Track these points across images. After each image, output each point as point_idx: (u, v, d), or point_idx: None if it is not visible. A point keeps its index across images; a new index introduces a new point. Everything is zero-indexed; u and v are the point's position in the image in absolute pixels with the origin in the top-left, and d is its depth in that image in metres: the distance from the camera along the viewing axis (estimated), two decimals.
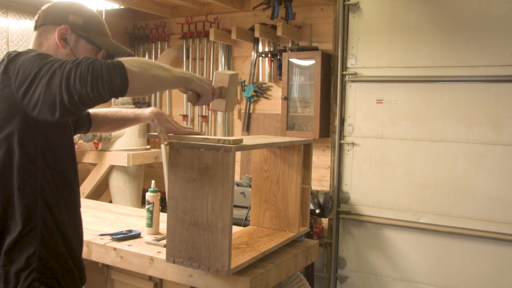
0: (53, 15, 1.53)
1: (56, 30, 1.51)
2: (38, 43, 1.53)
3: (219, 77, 1.69)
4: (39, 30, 1.54)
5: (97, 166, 4.13)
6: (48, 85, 1.27)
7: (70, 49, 1.51)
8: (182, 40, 4.59)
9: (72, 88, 1.25)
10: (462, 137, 3.39)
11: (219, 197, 1.69)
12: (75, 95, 1.25)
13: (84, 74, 1.24)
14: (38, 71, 1.29)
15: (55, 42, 1.51)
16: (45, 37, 1.52)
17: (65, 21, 1.51)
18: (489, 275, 3.34)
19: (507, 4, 3.20)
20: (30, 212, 1.39)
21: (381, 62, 3.62)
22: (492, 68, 3.25)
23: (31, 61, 1.33)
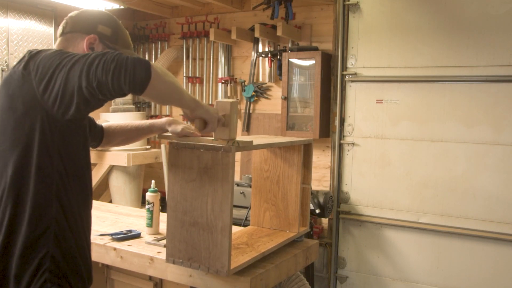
0: (83, 24, 1.56)
1: (85, 39, 1.54)
2: (63, 47, 1.54)
3: (221, 106, 1.68)
4: (66, 36, 1.56)
5: (97, 166, 4.13)
6: (68, 73, 1.28)
7: None
8: (182, 40, 4.59)
9: (93, 75, 1.25)
10: (462, 137, 3.39)
11: (219, 197, 1.69)
12: (93, 81, 1.25)
13: (109, 62, 1.25)
14: (59, 63, 1.30)
15: (83, 49, 1.53)
16: (72, 44, 1.54)
17: (94, 31, 1.54)
18: (489, 275, 3.34)
19: (507, 4, 3.19)
20: (44, 212, 1.39)
21: (381, 62, 3.62)
22: (492, 68, 3.25)
23: (52, 56, 1.34)
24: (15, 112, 1.38)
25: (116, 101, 4.21)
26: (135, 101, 4.83)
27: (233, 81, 4.34)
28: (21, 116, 1.37)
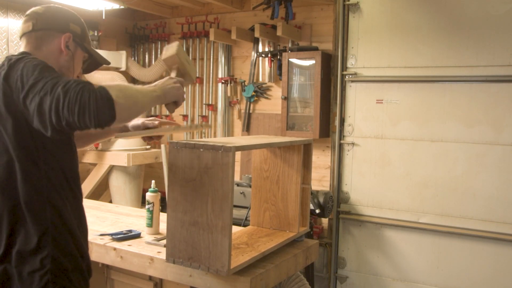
0: (55, 22, 1.56)
1: (61, 38, 1.55)
2: (36, 46, 1.55)
3: (170, 61, 1.71)
4: (38, 34, 1.55)
5: (97, 166, 4.13)
6: (40, 103, 1.30)
7: (71, 56, 1.58)
8: (182, 40, 4.59)
9: (61, 114, 1.27)
10: (462, 137, 3.39)
11: (219, 197, 1.69)
12: (62, 120, 1.28)
13: (72, 103, 1.26)
14: (34, 84, 1.32)
15: (59, 48, 1.56)
16: (46, 42, 1.55)
17: (68, 29, 1.57)
18: (489, 275, 3.34)
19: (507, 4, 3.20)
20: (39, 216, 1.42)
21: (381, 62, 3.62)
22: (492, 68, 3.25)
23: (29, 71, 1.35)
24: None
25: None
26: None
27: (233, 81, 4.34)
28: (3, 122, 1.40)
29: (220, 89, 4.38)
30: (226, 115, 4.41)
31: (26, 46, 1.56)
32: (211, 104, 4.48)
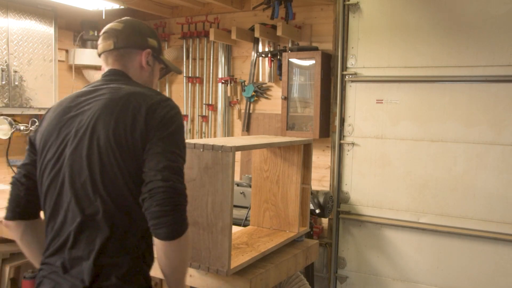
0: (135, 39, 1.57)
1: (142, 54, 1.57)
2: (123, 64, 1.55)
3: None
4: (120, 52, 1.55)
5: None
6: (154, 181, 1.31)
7: (151, 70, 1.61)
8: (182, 40, 4.59)
9: (155, 199, 1.29)
10: (462, 137, 3.39)
11: (219, 197, 1.69)
12: (151, 204, 1.30)
13: (169, 208, 1.28)
14: (166, 156, 1.33)
15: (140, 65, 1.57)
16: (129, 59, 1.56)
17: (147, 45, 1.59)
18: (489, 275, 3.34)
19: (507, 4, 3.20)
20: (140, 243, 1.40)
21: (381, 62, 3.62)
22: (492, 68, 3.25)
23: (175, 139, 1.38)
24: (119, 146, 1.36)
25: None
26: None
27: (233, 81, 4.34)
28: (126, 156, 1.36)
29: (220, 89, 4.38)
30: (226, 115, 4.41)
31: (113, 64, 1.56)
32: (211, 104, 4.48)
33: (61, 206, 1.38)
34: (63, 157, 1.39)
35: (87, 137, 1.36)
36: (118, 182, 1.34)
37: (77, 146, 1.37)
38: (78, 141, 1.37)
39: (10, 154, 3.84)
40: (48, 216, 1.41)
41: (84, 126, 1.38)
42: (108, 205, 1.33)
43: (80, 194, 1.35)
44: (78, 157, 1.36)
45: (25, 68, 3.65)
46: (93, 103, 1.42)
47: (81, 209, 1.34)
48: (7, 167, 3.84)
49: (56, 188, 1.39)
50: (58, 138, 1.41)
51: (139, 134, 1.35)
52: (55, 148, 1.41)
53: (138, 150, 1.35)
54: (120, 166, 1.34)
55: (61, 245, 1.37)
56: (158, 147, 1.34)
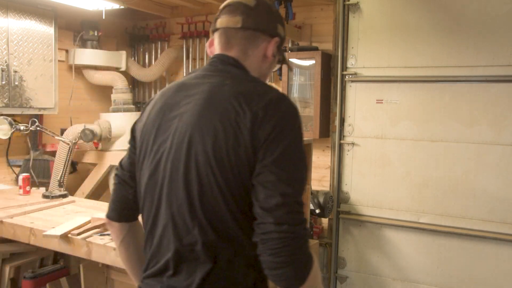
0: (266, 22, 1.28)
1: (270, 42, 1.28)
2: (243, 49, 1.25)
3: None
4: (246, 34, 1.25)
5: (97, 166, 4.13)
6: (272, 224, 1.06)
7: (271, 62, 1.33)
8: (182, 40, 4.59)
9: (275, 248, 1.06)
10: (462, 137, 3.39)
11: None
12: (265, 250, 1.08)
13: (294, 256, 1.06)
14: (284, 181, 1.07)
15: (264, 54, 1.28)
16: (252, 45, 1.26)
17: (276, 33, 1.29)
18: (490, 275, 3.34)
19: (507, 4, 3.20)
20: (248, 272, 1.18)
21: (381, 62, 3.62)
22: (492, 68, 3.25)
23: (292, 158, 1.10)
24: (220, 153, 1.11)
25: (116, 101, 4.20)
26: (135, 101, 4.82)
27: None
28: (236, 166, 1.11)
29: None
30: None
31: (231, 46, 1.26)
32: None
33: (157, 226, 1.20)
34: (159, 170, 1.19)
35: (183, 152, 1.14)
36: (220, 208, 1.11)
37: (174, 161, 1.15)
38: (174, 155, 1.16)
39: (10, 154, 3.84)
40: (148, 229, 1.24)
41: (180, 136, 1.15)
42: (208, 235, 1.12)
43: (176, 219, 1.15)
44: (175, 175, 1.15)
45: (25, 68, 3.64)
46: (191, 104, 1.17)
47: (178, 237, 1.16)
48: (7, 167, 3.84)
49: (153, 202, 1.21)
50: (154, 144, 1.21)
51: (244, 151, 1.09)
52: (151, 156, 1.21)
53: (245, 172, 1.09)
54: (222, 190, 1.10)
55: (160, 270, 1.20)
56: (270, 174, 1.07)
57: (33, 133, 3.86)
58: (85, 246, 2.18)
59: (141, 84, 4.89)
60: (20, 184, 3.22)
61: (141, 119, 1.30)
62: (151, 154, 1.21)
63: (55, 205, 2.94)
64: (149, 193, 1.22)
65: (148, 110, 1.28)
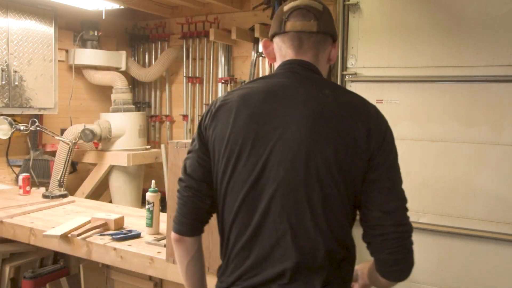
0: (332, 26, 1.29)
1: (334, 46, 1.30)
2: (316, 54, 1.27)
3: None
4: (318, 38, 1.25)
5: (97, 166, 4.13)
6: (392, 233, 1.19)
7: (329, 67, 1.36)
8: (182, 40, 4.59)
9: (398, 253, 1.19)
10: (462, 137, 3.39)
11: None
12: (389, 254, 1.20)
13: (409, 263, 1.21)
14: (396, 195, 1.21)
15: (328, 58, 1.31)
16: (323, 49, 1.27)
17: (336, 36, 1.31)
18: (490, 275, 3.34)
19: (507, 4, 3.19)
20: (352, 270, 1.32)
21: (381, 62, 3.62)
22: (492, 68, 3.25)
23: (396, 168, 1.29)
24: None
25: (116, 101, 4.20)
26: (135, 101, 4.83)
27: (233, 81, 4.34)
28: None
29: (220, 89, 4.38)
30: None
31: (305, 51, 1.26)
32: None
33: (263, 236, 1.19)
34: (263, 182, 1.17)
35: (302, 165, 1.15)
36: (341, 216, 1.21)
37: (288, 173, 1.16)
38: (287, 168, 1.16)
39: (10, 154, 3.84)
40: (244, 240, 1.22)
41: (292, 149, 1.16)
42: (330, 243, 1.19)
43: (296, 229, 1.17)
44: (292, 186, 1.16)
45: (25, 68, 3.65)
46: (294, 115, 1.17)
47: (298, 246, 1.17)
48: (7, 167, 3.85)
49: (256, 213, 1.19)
50: (251, 155, 1.18)
51: (361, 162, 1.18)
52: (248, 167, 1.18)
53: (359, 181, 1.19)
54: (342, 199, 1.18)
55: (268, 280, 1.19)
56: (386, 181, 1.20)
57: (33, 133, 3.86)
58: (85, 246, 2.18)
59: (141, 84, 4.89)
60: (20, 184, 3.22)
61: (215, 124, 1.23)
62: (246, 164, 1.18)
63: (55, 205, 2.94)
64: (248, 204, 1.19)
65: (226, 116, 1.22)
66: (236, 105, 1.22)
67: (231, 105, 1.23)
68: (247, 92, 1.25)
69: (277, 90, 1.22)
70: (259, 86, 1.25)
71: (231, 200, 1.22)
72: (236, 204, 1.21)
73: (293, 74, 1.24)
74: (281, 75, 1.25)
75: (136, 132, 4.18)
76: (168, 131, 4.81)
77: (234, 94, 1.26)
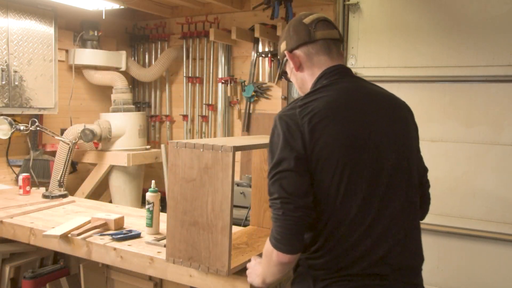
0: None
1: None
2: (342, 58, 1.52)
3: None
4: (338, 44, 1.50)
5: (97, 166, 4.13)
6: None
7: None
8: (182, 40, 4.59)
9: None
10: (462, 137, 3.39)
11: (219, 197, 1.69)
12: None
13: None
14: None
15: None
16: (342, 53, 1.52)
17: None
18: (489, 275, 3.34)
19: (507, 4, 3.20)
20: None
21: (381, 62, 3.62)
22: (492, 68, 3.25)
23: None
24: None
25: (116, 101, 4.20)
26: (135, 101, 4.83)
27: (233, 81, 4.34)
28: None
29: (220, 89, 4.38)
30: (226, 115, 4.41)
31: (339, 58, 1.49)
32: (211, 104, 4.48)
33: (380, 231, 1.38)
34: (381, 187, 1.36)
35: (406, 164, 1.47)
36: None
37: (395, 176, 1.39)
38: (398, 165, 1.42)
39: (10, 154, 3.84)
40: (362, 231, 1.35)
41: (400, 148, 1.45)
42: (419, 223, 1.65)
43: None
44: (401, 178, 1.42)
45: (25, 68, 3.65)
46: (379, 107, 1.43)
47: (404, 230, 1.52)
48: (7, 167, 3.85)
49: (371, 211, 1.34)
50: (365, 152, 1.34)
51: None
52: (365, 181, 1.33)
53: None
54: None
55: (387, 271, 1.42)
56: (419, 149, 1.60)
57: (33, 133, 3.86)
58: (85, 246, 2.18)
59: (141, 84, 4.89)
60: (20, 184, 3.22)
61: (317, 137, 1.31)
62: (362, 176, 1.33)
63: (55, 205, 2.94)
64: (367, 207, 1.35)
65: (325, 126, 1.32)
66: (329, 114, 1.33)
67: (323, 115, 1.32)
68: (329, 100, 1.36)
69: (352, 92, 1.41)
70: (334, 94, 1.38)
71: (341, 200, 1.33)
72: (351, 205, 1.33)
73: (351, 78, 1.46)
74: (341, 81, 1.42)
75: (136, 132, 4.18)
76: (168, 131, 4.81)
77: (314, 106, 1.34)
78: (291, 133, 1.33)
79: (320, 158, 1.30)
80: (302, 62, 1.46)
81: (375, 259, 1.35)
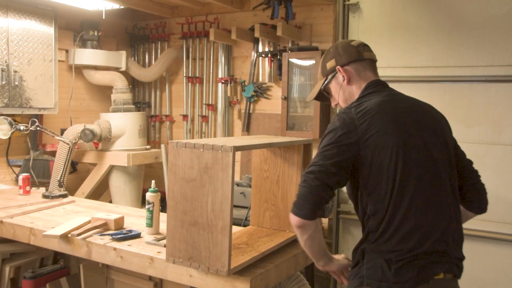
0: None
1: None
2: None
3: None
4: (374, 63, 1.84)
5: (97, 166, 4.13)
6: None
7: None
8: (182, 40, 4.59)
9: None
10: (462, 137, 3.37)
11: (219, 197, 1.69)
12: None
13: None
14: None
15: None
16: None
17: None
18: (489, 275, 3.34)
19: (507, 4, 3.20)
20: None
21: (381, 62, 3.58)
22: (492, 68, 3.25)
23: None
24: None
25: (116, 101, 4.20)
26: (135, 101, 4.83)
27: (233, 81, 4.34)
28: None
29: (220, 89, 4.38)
30: (226, 115, 4.41)
31: (376, 73, 1.79)
32: (211, 104, 4.48)
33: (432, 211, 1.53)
34: (430, 168, 1.56)
35: (447, 158, 1.66)
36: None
37: (444, 165, 1.62)
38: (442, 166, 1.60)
39: (10, 154, 3.84)
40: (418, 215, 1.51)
41: (440, 145, 1.63)
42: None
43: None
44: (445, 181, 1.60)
45: (25, 68, 3.65)
46: (426, 121, 1.63)
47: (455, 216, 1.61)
48: (7, 167, 3.85)
49: (434, 195, 1.54)
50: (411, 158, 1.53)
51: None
52: (416, 163, 1.53)
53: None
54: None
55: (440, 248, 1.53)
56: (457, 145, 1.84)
57: (33, 133, 3.86)
58: (85, 246, 2.18)
59: (141, 84, 4.89)
60: (20, 184, 3.22)
61: (372, 130, 1.52)
62: (418, 153, 1.54)
63: (55, 205, 2.94)
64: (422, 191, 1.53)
65: (379, 121, 1.54)
66: (380, 110, 1.57)
67: (375, 110, 1.56)
68: (379, 101, 1.61)
69: (396, 96, 1.67)
70: (382, 97, 1.64)
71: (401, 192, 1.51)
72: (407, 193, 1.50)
73: (390, 88, 1.72)
74: (385, 89, 1.71)
75: (136, 132, 4.18)
76: (168, 131, 4.81)
77: (367, 104, 1.59)
78: (346, 125, 1.54)
79: (377, 145, 1.50)
80: (351, 76, 1.72)
81: (436, 238, 1.50)
